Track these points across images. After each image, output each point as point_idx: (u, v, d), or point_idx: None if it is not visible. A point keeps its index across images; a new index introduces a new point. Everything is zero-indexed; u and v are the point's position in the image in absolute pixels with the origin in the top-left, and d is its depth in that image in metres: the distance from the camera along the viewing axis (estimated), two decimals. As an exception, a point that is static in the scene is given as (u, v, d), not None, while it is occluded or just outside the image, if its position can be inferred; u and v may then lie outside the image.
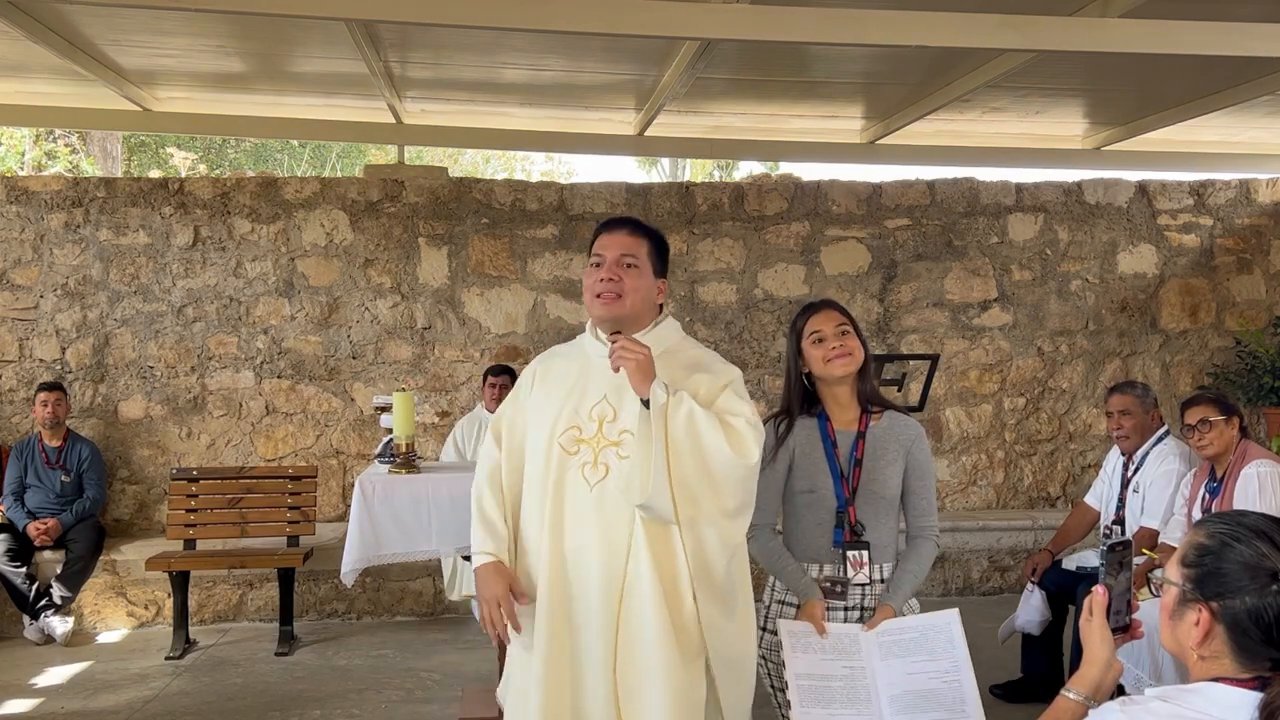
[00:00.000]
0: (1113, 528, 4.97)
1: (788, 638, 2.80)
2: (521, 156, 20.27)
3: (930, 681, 2.74)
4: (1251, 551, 1.68)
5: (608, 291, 2.67)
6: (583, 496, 2.62)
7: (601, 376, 2.69)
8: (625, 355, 2.54)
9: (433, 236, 7.56)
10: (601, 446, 2.65)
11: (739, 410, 2.62)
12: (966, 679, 2.74)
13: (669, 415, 2.54)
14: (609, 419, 2.66)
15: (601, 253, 2.71)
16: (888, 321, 7.86)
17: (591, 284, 2.70)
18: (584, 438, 2.66)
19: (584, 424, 2.67)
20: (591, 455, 2.64)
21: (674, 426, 2.53)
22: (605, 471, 2.62)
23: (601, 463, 2.63)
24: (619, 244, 2.71)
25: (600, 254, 2.71)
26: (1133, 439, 4.91)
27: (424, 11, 4.44)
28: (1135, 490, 4.85)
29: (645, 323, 2.74)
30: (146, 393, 7.36)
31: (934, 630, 2.81)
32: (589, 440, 2.66)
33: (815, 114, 6.92)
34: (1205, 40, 4.65)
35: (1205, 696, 1.68)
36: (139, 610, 6.68)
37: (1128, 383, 5.11)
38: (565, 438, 2.66)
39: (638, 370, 2.54)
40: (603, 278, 2.68)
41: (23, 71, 6.12)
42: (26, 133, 12.46)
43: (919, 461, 2.98)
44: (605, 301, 2.68)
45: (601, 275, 2.68)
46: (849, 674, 2.76)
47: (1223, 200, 8.11)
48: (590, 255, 2.75)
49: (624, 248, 2.70)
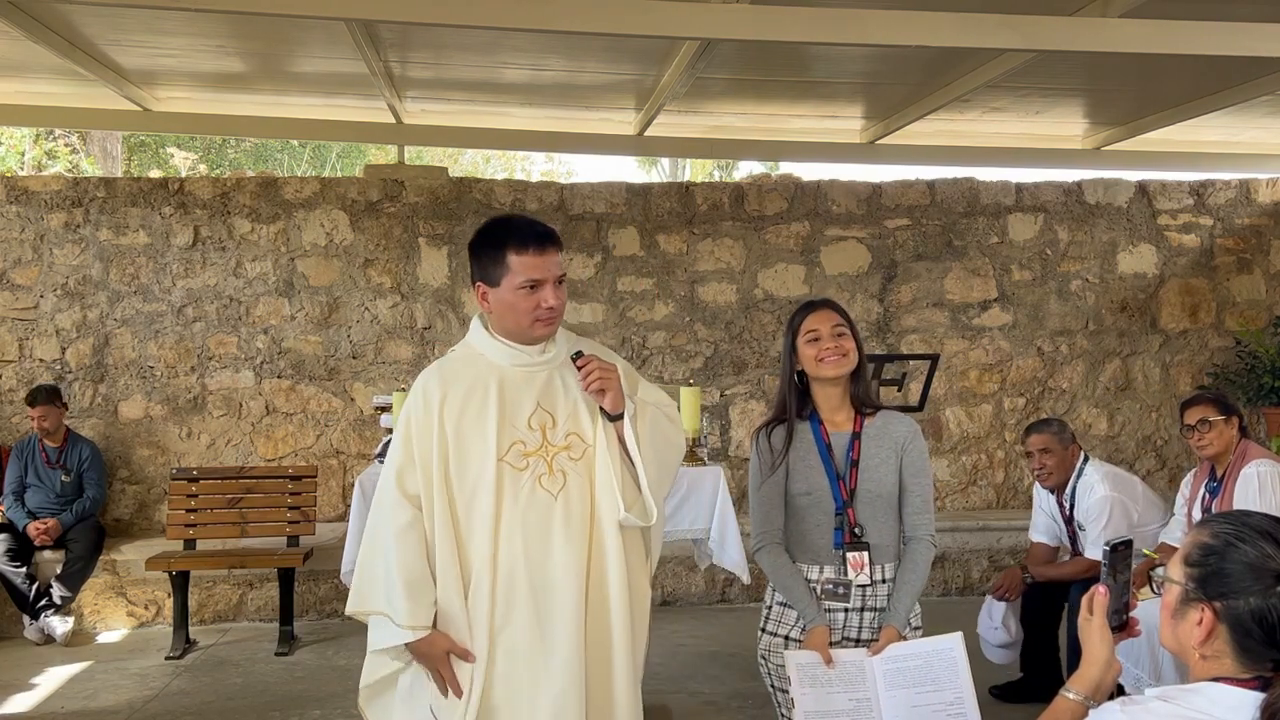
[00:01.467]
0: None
1: (795, 671, 2.78)
2: (521, 156, 20.26)
3: (935, 716, 2.74)
4: (1256, 552, 1.68)
5: (550, 318, 2.61)
6: (546, 509, 2.56)
7: (526, 385, 2.63)
8: (607, 377, 2.57)
9: (433, 236, 7.56)
10: (552, 455, 2.60)
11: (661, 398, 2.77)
12: (971, 709, 2.75)
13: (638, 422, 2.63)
14: (549, 425, 2.62)
15: (539, 275, 2.57)
16: (888, 321, 7.86)
17: (530, 308, 2.57)
18: (530, 450, 2.59)
19: (526, 437, 2.59)
20: (545, 465, 2.59)
21: (642, 431, 2.62)
22: (564, 479, 2.59)
23: (558, 470, 2.59)
24: (554, 264, 2.60)
25: (536, 278, 2.57)
26: (1055, 475, 4.92)
27: (424, 11, 4.45)
28: (1081, 528, 4.87)
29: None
30: (146, 393, 7.36)
31: (938, 657, 2.80)
32: (536, 451, 2.59)
33: (815, 114, 6.92)
34: (1205, 40, 4.66)
35: (1206, 696, 1.68)
36: (139, 610, 6.68)
37: (1043, 421, 5.08)
38: (511, 455, 2.57)
39: (617, 389, 2.59)
40: (551, 304, 2.59)
41: (23, 71, 6.12)
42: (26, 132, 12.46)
43: (914, 459, 2.97)
44: (546, 324, 2.62)
45: (550, 301, 2.58)
46: (855, 707, 2.76)
47: (1223, 200, 8.11)
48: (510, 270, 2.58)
49: (557, 268, 2.61)
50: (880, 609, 2.92)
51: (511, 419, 2.60)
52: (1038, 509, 5.19)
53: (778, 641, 2.95)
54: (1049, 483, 4.97)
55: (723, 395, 7.75)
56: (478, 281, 2.66)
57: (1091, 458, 5.00)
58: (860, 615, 2.92)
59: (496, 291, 2.61)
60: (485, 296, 2.64)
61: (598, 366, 2.58)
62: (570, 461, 2.60)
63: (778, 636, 2.95)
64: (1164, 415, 7.98)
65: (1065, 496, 4.95)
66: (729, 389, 7.76)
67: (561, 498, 2.57)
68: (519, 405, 2.62)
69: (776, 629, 2.97)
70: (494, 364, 2.65)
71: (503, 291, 2.60)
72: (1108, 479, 4.81)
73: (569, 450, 2.60)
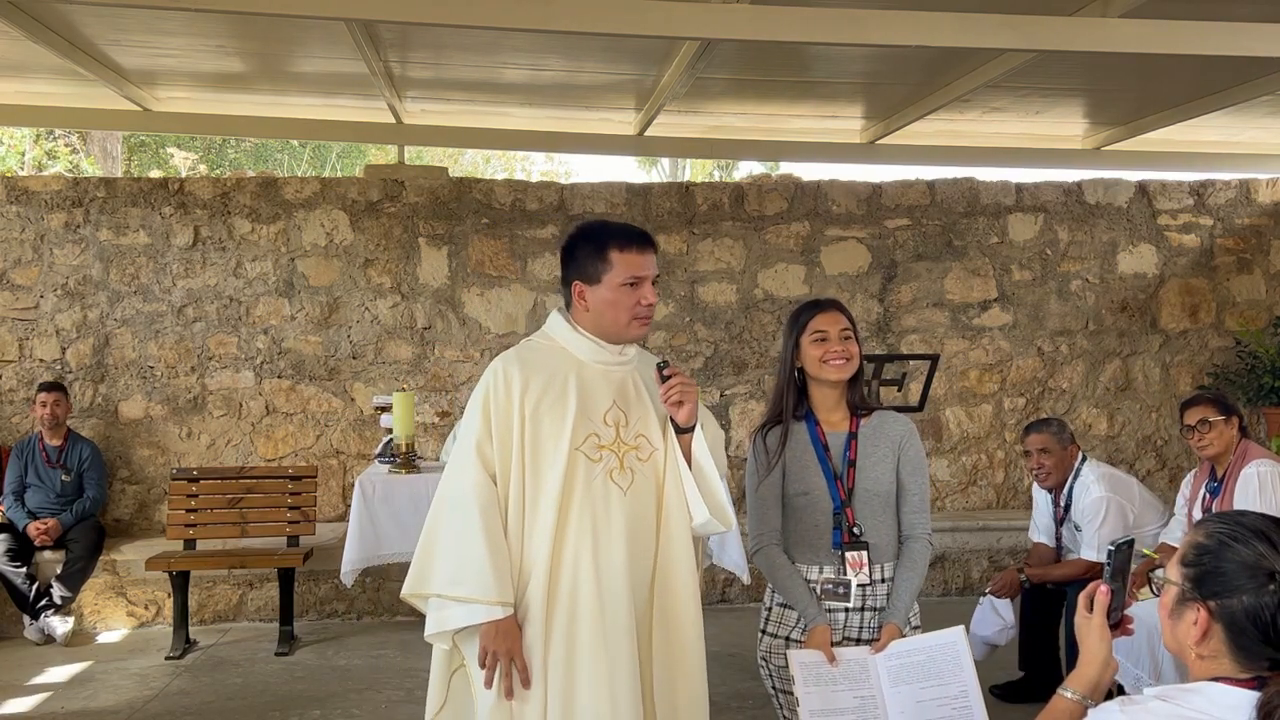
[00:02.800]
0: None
1: (799, 670, 2.79)
2: (521, 156, 20.26)
3: (940, 710, 2.74)
4: (1250, 552, 1.69)
5: (647, 317, 2.71)
6: (616, 502, 2.63)
7: (604, 382, 2.71)
8: (688, 391, 2.66)
9: (433, 236, 7.56)
10: (624, 451, 2.67)
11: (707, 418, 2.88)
12: (976, 702, 2.75)
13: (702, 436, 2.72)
14: (623, 424, 2.69)
15: (641, 274, 2.67)
16: (888, 321, 7.86)
17: (631, 305, 2.66)
18: (604, 444, 2.66)
19: (601, 430, 2.66)
20: (617, 461, 2.66)
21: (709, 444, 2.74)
22: (632, 476, 2.66)
23: (628, 467, 2.66)
24: (652, 265, 2.71)
25: (639, 275, 2.67)
26: (1054, 475, 4.92)
27: (424, 11, 4.45)
28: (1077, 529, 4.86)
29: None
30: (146, 393, 7.36)
31: (940, 651, 2.81)
32: (609, 446, 2.66)
33: (815, 114, 6.92)
34: (1205, 40, 4.66)
35: (1204, 696, 1.68)
36: (139, 610, 6.68)
37: (1042, 421, 5.08)
38: (587, 445, 2.64)
39: (693, 404, 2.68)
40: (650, 301, 2.68)
41: (23, 71, 6.12)
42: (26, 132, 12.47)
43: (910, 457, 2.97)
44: (643, 324, 2.71)
45: (649, 298, 2.68)
46: (860, 705, 2.77)
47: (1223, 200, 8.11)
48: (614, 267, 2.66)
49: (655, 268, 2.72)
50: (880, 608, 2.92)
51: (588, 411, 2.66)
52: (1037, 510, 5.19)
53: (778, 643, 2.94)
54: (1047, 483, 4.97)
55: (723, 395, 7.75)
56: (574, 280, 2.72)
57: (1089, 458, 5.00)
58: (860, 615, 2.92)
59: (596, 290, 2.68)
60: (583, 295, 2.71)
61: (682, 380, 2.66)
62: (638, 462, 2.68)
63: (778, 638, 2.95)
64: (1164, 415, 7.98)
65: (1062, 497, 4.95)
66: (729, 389, 7.76)
67: (631, 493, 2.65)
68: (597, 399, 2.69)
69: (777, 630, 2.97)
70: (574, 358, 2.72)
71: (603, 289, 2.67)
72: (1104, 480, 4.81)
73: (637, 450, 2.68)
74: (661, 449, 2.72)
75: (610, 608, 2.57)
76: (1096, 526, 4.71)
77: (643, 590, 2.64)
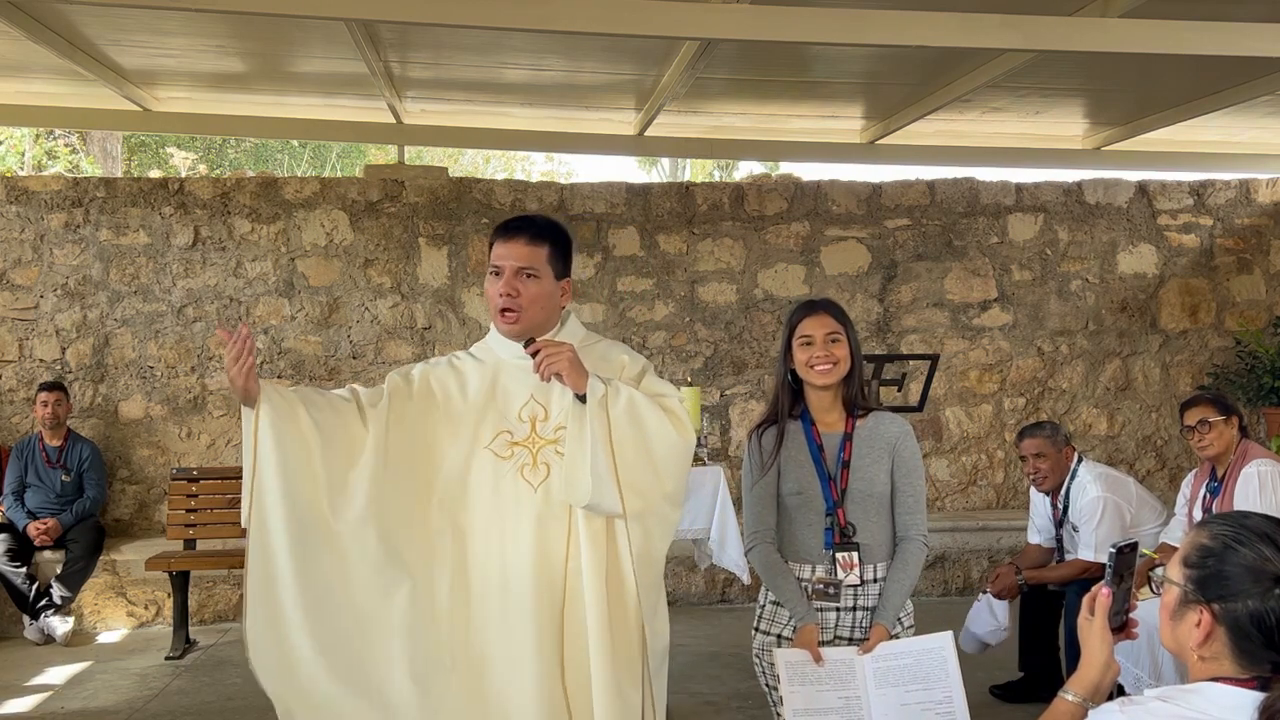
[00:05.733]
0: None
1: (785, 669, 2.80)
2: (521, 156, 20.26)
3: (924, 714, 2.75)
4: (1254, 555, 1.68)
5: (509, 309, 2.60)
6: (526, 500, 2.55)
7: (523, 376, 2.62)
8: (554, 359, 2.48)
9: (433, 236, 7.56)
10: (539, 447, 2.59)
11: (666, 390, 2.64)
12: (960, 708, 2.77)
13: (609, 405, 2.49)
14: (541, 418, 2.61)
15: (499, 263, 2.61)
16: (888, 321, 7.86)
17: (493, 296, 2.62)
18: (517, 440, 2.59)
19: (514, 427, 2.60)
20: (529, 456, 2.58)
21: (615, 415, 2.49)
22: (546, 471, 2.58)
23: (542, 462, 2.58)
24: (516, 254, 2.60)
25: (498, 264, 2.61)
26: (1050, 479, 4.90)
27: (424, 11, 4.45)
28: (1075, 530, 4.86)
29: (550, 328, 2.68)
30: (146, 393, 7.36)
31: (928, 655, 2.82)
32: (523, 442, 2.60)
33: (815, 114, 6.92)
34: (1205, 40, 4.66)
35: (1205, 696, 1.68)
36: (139, 610, 6.69)
37: (1035, 425, 5.04)
38: (497, 444, 2.59)
39: (571, 368, 2.48)
40: (503, 292, 2.60)
41: (23, 71, 6.12)
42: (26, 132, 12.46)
43: (905, 458, 2.96)
44: (507, 321, 2.61)
45: (501, 289, 2.60)
46: (844, 705, 2.77)
47: (1223, 200, 8.11)
48: (489, 258, 2.65)
49: (521, 259, 2.59)
50: (871, 608, 2.92)
51: (501, 409, 2.61)
52: (1035, 512, 5.19)
53: (770, 640, 2.96)
54: (1044, 486, 4.96)
55: (723, 395, 7.75)
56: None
57: (1085, 459, 4.99)
58: (852, 615, 2.92)
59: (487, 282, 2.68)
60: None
61: (547, 350, 2.49)
62: (556, 456, 2.58)
63: (770, 635, 2.97)
64: (1164, 415, 7.98)
65: (1059, 499, 4.95)
66: (729, 389, 7.76)
67: (542, 490, 2.56)
68: (509, 395, 2.63)
69: (770, 628, 2.98)
70: (498, 356, 2.69)
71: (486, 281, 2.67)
72: (1101, 480, 4.80)
73: (557, 444, 2.58)
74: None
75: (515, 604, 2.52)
76: (1093, 526, 4.70)
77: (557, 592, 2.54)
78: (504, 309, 2.60)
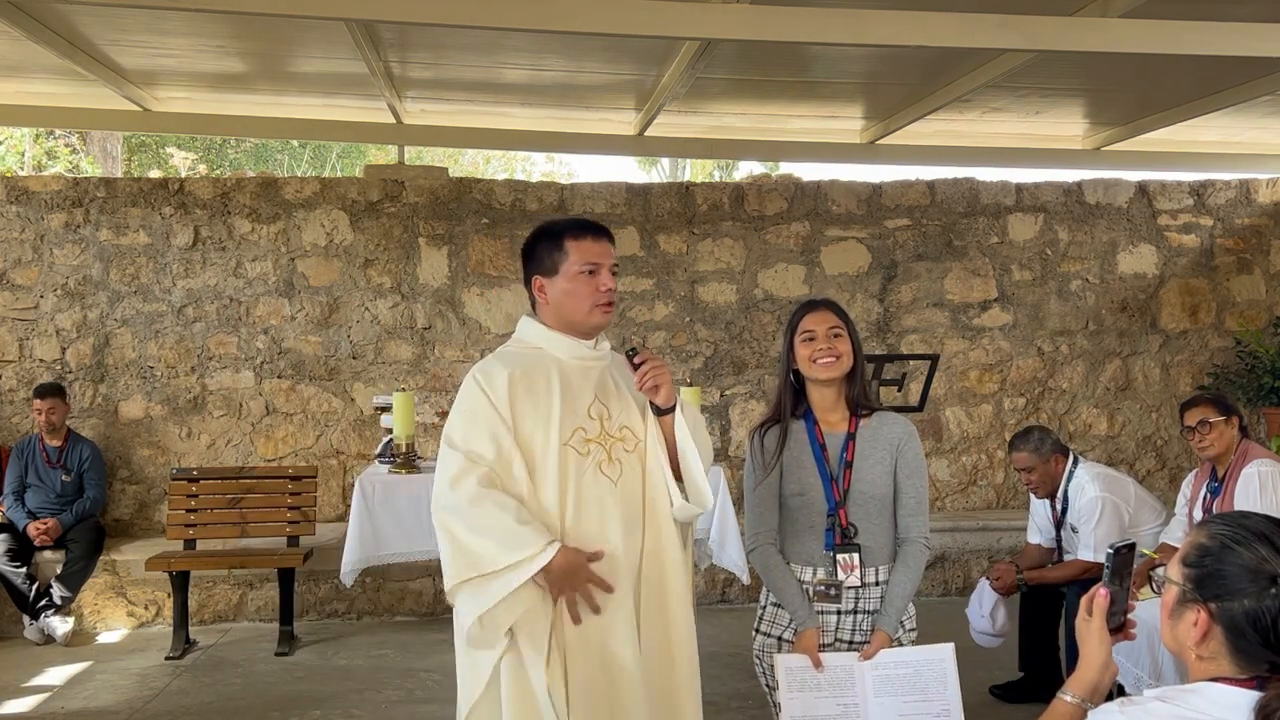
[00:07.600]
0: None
1: (784, 675, 2.80)
2: (522, 157, 20.27)
3: None
4: (1252, 555, 1.69)
5: (608, 303, 2.72)
6: (607, 494, 2.65)
7: (584, 376, 2.73)
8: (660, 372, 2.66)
9: (433, 236, 7.56)
10: (610, 444, 2.69)
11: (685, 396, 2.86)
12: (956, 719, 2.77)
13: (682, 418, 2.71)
14: (606, 417, 2.71)
15: (597, 261, 2.70)
16: (888, 321, 7.86)
17: (590, 292, 2.69)
18: (591, 437, 2.68)
19: (586, 424, 2.68)
20: (604, 453, 2.68)
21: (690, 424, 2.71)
22: (621, 468, 2.69)
23: (616, 459, 2.69)
24: (609, 253, 2.74)
25: (595, 262, 2.70)
26: (1043, 487, 4.92)
27: (424, 11, 4.45)
28: (1074, 530, 4.87)
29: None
30: (146, 393, 7.36)
31: (928, 666, 2.81)
32: (597, 439, 2.68)
33: (815, 114, 6.92)
34: (1205, 40, 4.66)
35: (1204, 696, 1.68)
36: (139, 610, 6.68)
37: (1021, 435, 4.99)
38: (575, 440, 2.66)
39: (669, 385, 2.69)
40: (609, 287, 2.71)
41: (23, 71, 6.12)
42: (26, 132, 12.46)
43: (908, 459, 2.95)
44: (605, 311, 2.72)
45: (603, 285, 2.70)
46: (842, 712, 2.77)
47: (1223, 200, 8.11)
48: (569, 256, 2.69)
49: (611, 257, 2.75)
50: (873, 611, 2.91)
51: (573, 406, 2.68)
52: (1034, 513, 5.19)
53: (771, 642, 2.95)
54: (1039, 495, 4.99)
55: (723, 395, 7.75)
56: (534, 276, 2.76)
57: (1082, 459, 4.99)
58: (853, 617, 2.91)
59: (554, 281, 2.71)
60: (543, 289, 2.74)
61: (654, 362, 2.67)
62: (625, 453, 2.70)
63: (771, 637, 2.96)
64: (1164, 415, 7.98)
65: (1058, 501, 4.95)
66: (729, 389, 7.76)
67: (621, 485, 2.67)
68: (577, 394, 2.71)
69: (770, 629, 2.98)
70: (553, 356, 2.74)
71: (560, 280, 2.70)
72: (1098, 480, 4.80)
73: (623, 442, 2.71)
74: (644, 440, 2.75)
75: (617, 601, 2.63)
76: (1092, 526, 4.71)
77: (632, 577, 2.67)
78: (608, 304, 2.72)
